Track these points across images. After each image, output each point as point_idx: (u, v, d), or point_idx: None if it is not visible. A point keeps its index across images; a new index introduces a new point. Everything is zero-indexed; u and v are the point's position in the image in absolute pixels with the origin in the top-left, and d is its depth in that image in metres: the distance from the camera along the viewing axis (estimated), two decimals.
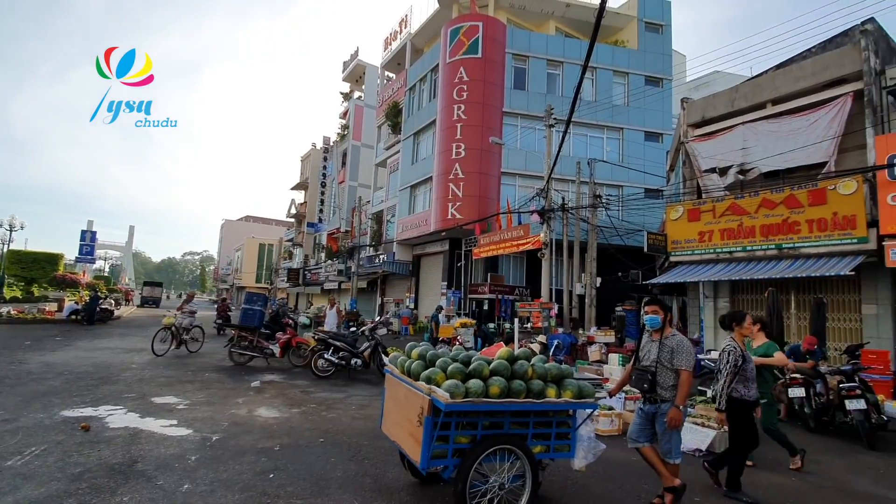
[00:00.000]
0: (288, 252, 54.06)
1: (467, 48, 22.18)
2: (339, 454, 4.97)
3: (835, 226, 10.34)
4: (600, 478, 4.67)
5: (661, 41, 25.35)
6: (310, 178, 45.93)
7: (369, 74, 38.20)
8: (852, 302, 10.77)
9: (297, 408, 7.02)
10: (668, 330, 4.08)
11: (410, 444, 3.53)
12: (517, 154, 22.47)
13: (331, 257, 36.07)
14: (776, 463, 5.66)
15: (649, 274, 16.19)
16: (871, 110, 10.41)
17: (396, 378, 4.02)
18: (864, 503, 4.52)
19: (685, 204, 13.46)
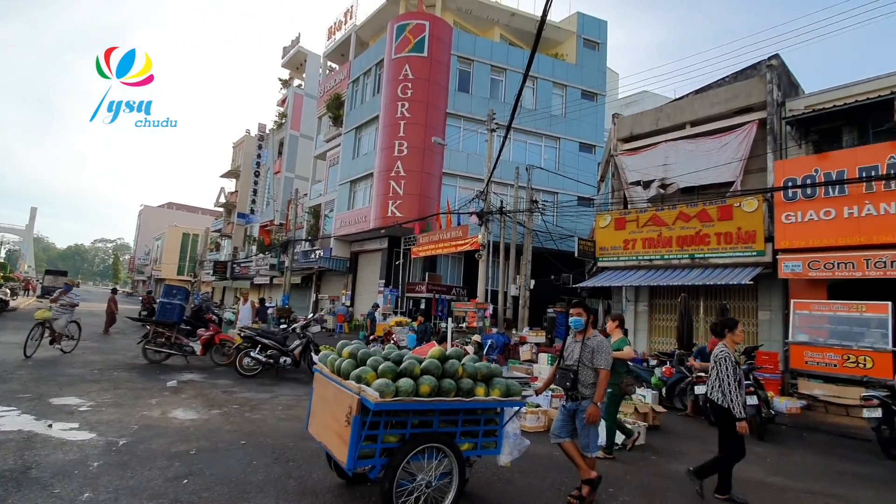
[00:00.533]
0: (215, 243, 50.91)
1: (413, 46, 22.10)
2: (261, 456, 4.77)
3: (738, 239, 11.46)
4: (524, 472, 4.84)
5: (597, 58, 26.75)
6: (242, 166, 43.57)
7: (311, 63, 36.95)
8: (751, 308, 11.98)
9: (217, 409, 6.64)
10: (590, 331, 4.31)
11: (337, 445, 3.46)
12: (459, 155, 22.74)
13: (263, 250, 34.45)
14: (679, 453, 6.18)
15: (579, 278, 17.03)
16: (773, 137, 11.64)
17: (325, 377, 3.92)
18: (753, 489, 5.03)
19: (613, 213, 14.31)
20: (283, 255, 29.78)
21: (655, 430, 7.28)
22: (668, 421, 7.93)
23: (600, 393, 4.10)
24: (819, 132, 11.26)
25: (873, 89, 10.36)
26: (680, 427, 7.80)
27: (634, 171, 14.10)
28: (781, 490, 5.08)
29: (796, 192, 10.52)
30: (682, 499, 4.56)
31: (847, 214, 9.85)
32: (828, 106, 10.72)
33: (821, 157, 10.55)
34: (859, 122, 10.75)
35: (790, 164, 10.96)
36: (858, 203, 9.72)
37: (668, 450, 6.34)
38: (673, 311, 12.78)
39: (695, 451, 6.34)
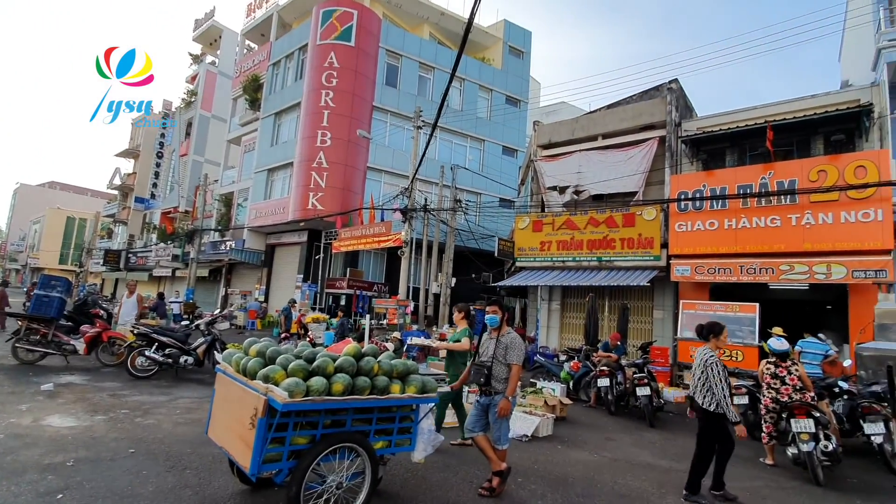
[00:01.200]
0: (107, 230, 45.56)
1: (340, 34, 21.42)
2: (153, 466, 4.34)
3: (639, 245, 12.53)
4: (439, 467, 4.89)
5: (521, 66, 27.82)
6: (143, 145, 39.45)
7: (227, 39, 34.36)
8: (647, 307, 13.16)
9: (102, 414, 5.94)
10: (504, 328, 4.46)
11: (240, 449, 3.23)
12: (385, 151, 22.46)
13: (165, 240, 31.47)
14: (581, 442, 6.62)
15: (499, 277, 17.62)
16: (670, 154, 12.87)
17: (229, 377, 3.65)
18: (644, 471, 5.52)
19: (531, 215, 14.97)
20: (188, 246, 27.41)
21: (563, 421, 7.72)
22: (574, 412, 8.45)
23: (512, 387, 4.25)
24: (707, 152, 12.66)
25: (751, 117, 11.85)
26: (584, 417, 8.36)
27: (551, 176, 14.87)
28: (666, 471, 5.63)
29: (688, 205, 11.73)
30: (583, 483, 4.88)
31: (727, 226, 11.17)
32: (715, 129, 12.09)
33: (708, 174, 11.87)
34: (739, 146, 12.25)
35: (683, 179, 12.20)
36: (736, 216, 11.07)
37: (573, 439, 6.76)
38: (582, 309, 13.66)
39: (596, 440, 6.83)
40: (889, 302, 8.70)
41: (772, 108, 11.69)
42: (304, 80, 22.24)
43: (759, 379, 6.33)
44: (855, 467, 6.10)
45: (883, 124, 10.20)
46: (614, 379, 8.75)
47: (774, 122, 10.88)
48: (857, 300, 9.88)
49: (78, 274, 41.31)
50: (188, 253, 26.99)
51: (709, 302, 11.24)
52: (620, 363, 9.07)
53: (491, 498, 4.22)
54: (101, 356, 9.39)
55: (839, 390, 6.98)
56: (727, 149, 12.43)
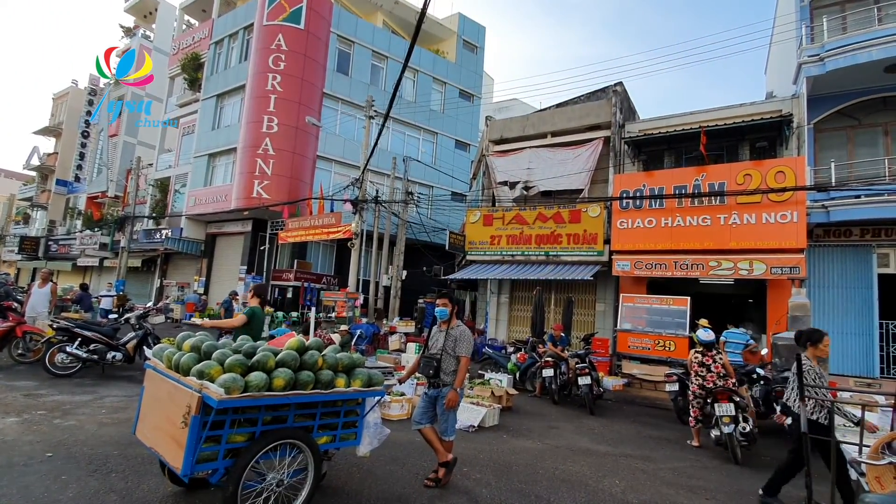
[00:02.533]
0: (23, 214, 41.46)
1: (288, 15, 20.54)
2: (73, 470, 4.01)
3: (584, 240, 13.01)
4: (386, 460, 4.86)
5: (475, 61, 27.96)
6: (65, 123, 36.14)
7: (163, 12, 32.04)
8: (591, 300, 13.72)
9: (15, 416, 5.42)
10: (454, 321, 4.48)
11: (171, 449, 3.05)
12: (335, 140, 21.88)
13: (91, 226, 29.09)
14: (526, 431, 6.81)
15: (450, 270, 17.71)
16: (614, 154, 13.42)
17: (159, 373, 3.43)
18: (584, 457, 5.77)
19: (482, 210, 15.14)
20: (118, 234, 25.51)
21: (509, 411, 7.92)
22: (519, 402, 8.69)
23: (460, 379, 4.28)
24: (648, 153, 13.32)
25: (687, 122, 12.57)
26: (529, 407, 8.61)
27: (502, 171, 15.10)
28: (603, 455, 5.92)
29: (629, 203, 12.30)
30: (526, 470, 5.02)
31: (664, 224, 11.83)
32: (655, 132, 12.72)
33: (648, 175, 12.50)
34: (676, 148, 12.98)
35: (626, 178, 12.77)
36: (672, 215, 11.74)
37: (518, 428, 6.94)
38: (529, 302, 14.02)
39: (540, 428, 7.06)
40: (801, 296, 9.57)
41: (705, 115, 12.47)
42: (250, 61, 21.17)
43: (688, 367, 6.78)
44: (769, 446, 6.69)
45: (801, 133, 11.15)
46: (558, 369, 9.07)
47: (708, 128, 11.61)
48: (775, 294, 10.79)
49: None
50: (118, 241, 25.12)
51: (646, 295, 11.88)
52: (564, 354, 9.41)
53: (437, 489, 4.26)
54: (14, 353, 8.56)
55: (757, 376, 7.62)
56: (665, 151, 13.13)
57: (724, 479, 5.35)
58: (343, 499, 3.91)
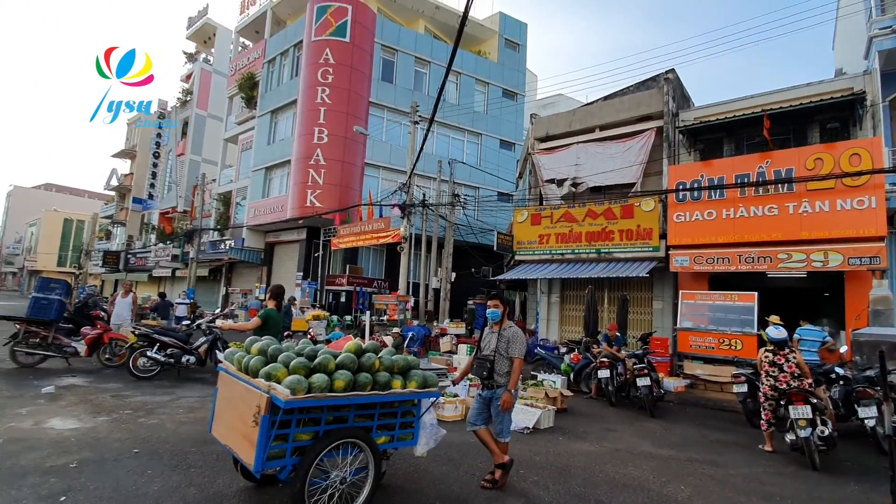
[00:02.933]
0: (105, 231, 45.47)
1: (335, 29, 21.31)
2: (157, 465, 4.37)
3: (638, 236, 12.55)
4: (442, 461, 4.94)
5: (517, 59, 27.70)
6: (139, 145, 39.29)
7: (221, 37, 34.17)
8: (647, 298, 13.20)
9: (105, 415, 5.97)
10: (505, 322, 4.48)
11: (244, 447, 3.27)
12: (382, 147, 22.41)
13: (164, 240, 31.44)
14: (583, 433, 6.67)
15: (499, 270, 17.66)
16: (668, 144, 12.86)
17: (231, 376, 3.68)
18: (645, 461, 5.57)
19: (529, 209, 14.98)
20: (187, 245, 27.39)
21: (563, 412, 7.78)
22: (575, 404, 8.52)
23: (514, 381, 4.28)
24: (705, 142, 12.65)
25: (747, 106, 11.83)
26: (585, 409, 8.42)
27: (549, 169, 14.86)
28: (666, 460, 5.69)
29: (686, 195, 11.74)
30: (584, 473, 4.93)
31: (725, 216, 11.19)
32: (712, 119, 12.07)
33: (706, 164, 11.87)
34: (736, 135, 12.24)
35: (681, 169, 12.20)
36: (734, 206, 11.08)
37: (574, 430, 6.81)
38: (581, 301, 13.70)
39: (597, 431, 6.89)
40: (882, 288, 8.75)
41: (768, 97, 11.67)
42: (300, 77, 22.14)
43: (758, 367, 6.38)
44: (850, 451, 6.17)
45: (875, 112, 10.20)
46: (615, 370, 8.80)
47: (771, 111, 10.87)
48: (853, 287, 9.91)
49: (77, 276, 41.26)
50: (188, 253, 26.98)
51: (708, 292, 11.28)
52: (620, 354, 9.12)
53: (494, 490, 4.27)
54: (103, 357, 9.42)
55: (836, 376, 7.04)
56: (724, 138, 12.42)
57: (801, 487, 4.99)
58: (402, 497, 4.01)
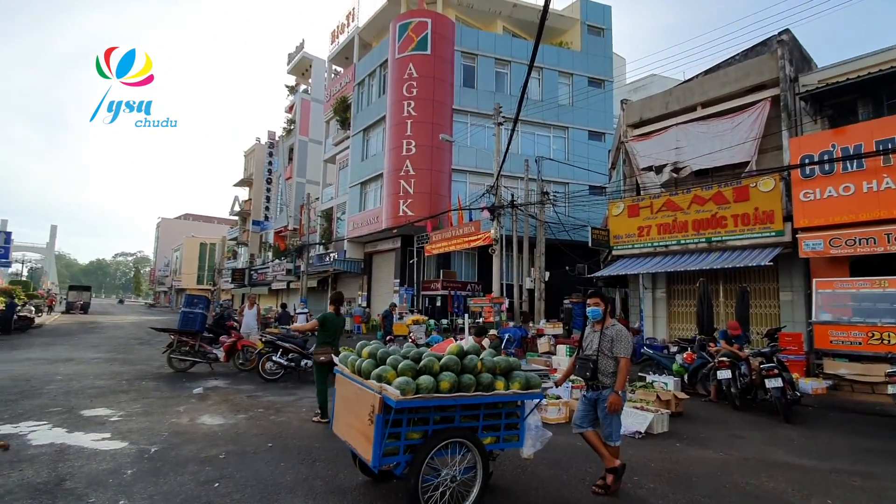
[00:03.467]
0: (232, 251, 51.69)
1: (416, 44, 22.11)
2: (288, 458, 4.87)
3: (756, 220, 11.25)
4: (548, 464, 4.86)
5: (602, 44, 26.42)
6: (254, 174, 44.11)
7: (316, 68, 37.18)
8: (771, 290, 11.77)
9: (243, 413, 6.78)
10: (608, 320, 4.30)
11: (362, 443, 3.52)
12: (468, 151, 22.71)
13: (278, 256, 34.88)
14: (704, 439, 6.13)
15: (594, 267, 16.93)
16: (787, 114, 11.40)
17: (347, 377, 3.99)
18: (781, 472, 4.97)
19: (625, 200, 14.17)
20: (298, 260, 30.10)
21: (679, 416, 7.23)
22: (691, 407, 7.87)
23: (621, 381, 4.08)
24: (834, 106, 10.99)
25: (885, 60, 10.07)
26: (704, 413, 7.73)
27: (646, 156, 13.93)
28: (808, 471, 5.02)
29: (814, 169, 10.29)
30: (709, 483, 4.53)
31: (866, 189, 9.60)
32: (841, 80, 10.45)
33: (837, 132, 10.30)
34: (874, 95, 10.46)
35: (806, 141, 10.72)
36: (877, 177, 9.47)
37: (693, 436, 6.29)
38: (692, 296, 12.62)
39: (720, 437, 6.29)
40: None
41: None
42: (387, 94, 23.30)
43: None
44: None
45: None
46: (737, 370, 7.98)
47: None
48: None
49: (212, 292, 47.35)
50: (299, 266, 29.61)
51: (849, 279, 9.75)
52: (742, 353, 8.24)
53: (606, 496, 4.11)
54: (237, 362, 10.70)
55: None
56: (858, 100, 10.67)
57: None
58: (512, 499, 4.02)
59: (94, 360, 11.79)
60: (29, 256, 66.95)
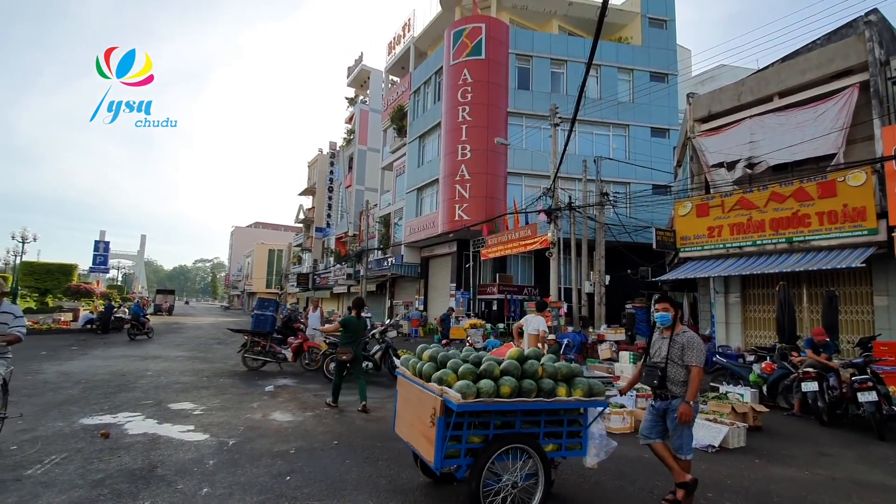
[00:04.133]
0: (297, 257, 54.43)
1: (471, 50, 22.26)
2: (353, 456, 5.04)
3: (845, 218, 10.25)
4: (613, 475, 4.69)
5: (665, 36, 25.25)
6: (317, 183, 46.25)
7: (374, 79, 38.44)
8: (864, 294, 10.66)
9: (310, 411, 7.11)
10: (678, 327, 4.09)
11: (424, 445, 3.59)
12: (523, 154, 22.49)
13: (339, 261, 36.27)
14: (786, 456, 5.65)
15: (659, 270, 16.14)
16: (878, 101, 10.32)
17: (408, 380, 4.08)
18: (875, 493, 4.49)
19: (693, 199, 13.41)
20: (357, 265, 31.15)
21: (757, 431, 6.72)
22: (771, 421, 7.28)
23: (693, 391, 3.86)
24: None
25: None
26: (785, 428, 7.13)
27: (716, 152, 13.12)
28: None
29: None
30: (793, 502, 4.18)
31: None
32: None
33: None
34: None
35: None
36: None
37: (774, 452, 5.82)
38: (770, 301, 11.71)
39: (805, 455, 5.78)
40: None
41: None
42: (442, 100, 23.62)
43: None
44: None
45: None
46: (825, 382, 7.29)
47: None
48: None
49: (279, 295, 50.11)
50: (358, 271, 30.62)
51: None
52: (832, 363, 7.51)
53: None
54: (304, 363, 11.23)
55: None
56: None
57: None
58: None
59: (178, 357, 12.84)
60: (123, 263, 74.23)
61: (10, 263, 34.13)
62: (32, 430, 5.57)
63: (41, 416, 6.17)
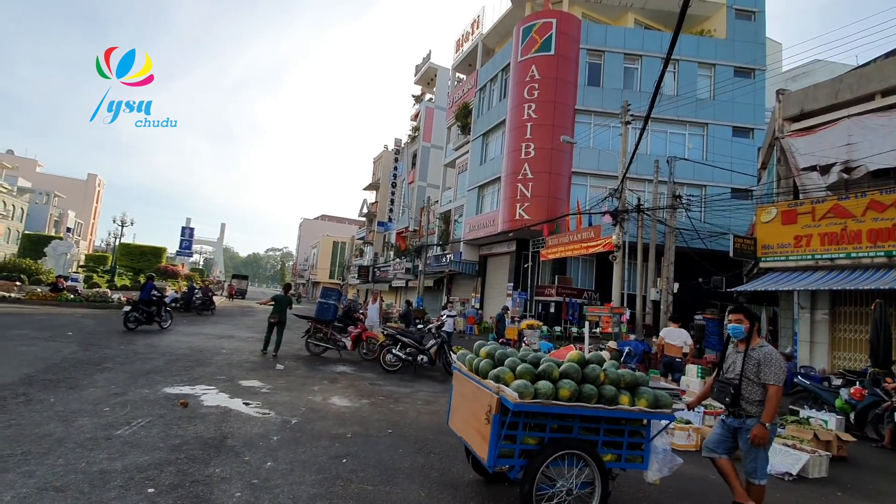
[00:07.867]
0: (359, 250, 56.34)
1: (540, 46, 21.84)
2: (406, 446, 5.14)
3: None
4: (675, 493, 4.44)
5: (753, 29, 23.37)
6: (381, 178, 47.55)
7: (440, 77, 38.80)
8: None
9: (367, 399, 7.34)
10: (755, 340, 3.78)
11: (477, 441, 3.58)
12: (589, 153, 21.77)
13: (399, 255, 37.08)
14: (873, 491, 5.07)
15: (734, 281, 15.02)
16: None
17: (464, 375, 4.08)
18: None
19: (779, 205, 12.34)
20: (416, 260, 31.70)
21: (841, 461, 6.08)
22: (858, 452, 6.56)
23: (770, 412, 3.55)
24: None
25: None
26: (874, 460, 6.40)
27: (807, 154, 11.97)
28: None
29: None
30: None
31: None
32: None
33: None
34: None
35: None
36: None
37: (860, 486, 5.24)
38: (863, 320, 10.54)
39: (893, 490, 5.14)
40: None
41: None
42: (508, 97, 23.39)
43: None
44: None
45: None
46: None
47: None
48: None
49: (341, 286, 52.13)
50: (417, 266, 31.16)
51: None
52: None
53: None
54: (362, 352, 11.62)
55: None
56: None
57: None
58: None
59: (249, 338, 13.73)
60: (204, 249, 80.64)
61: (110, 245, 38.19)
62: (123, 394, 6.18)
63: (131, 384, 6.82)
